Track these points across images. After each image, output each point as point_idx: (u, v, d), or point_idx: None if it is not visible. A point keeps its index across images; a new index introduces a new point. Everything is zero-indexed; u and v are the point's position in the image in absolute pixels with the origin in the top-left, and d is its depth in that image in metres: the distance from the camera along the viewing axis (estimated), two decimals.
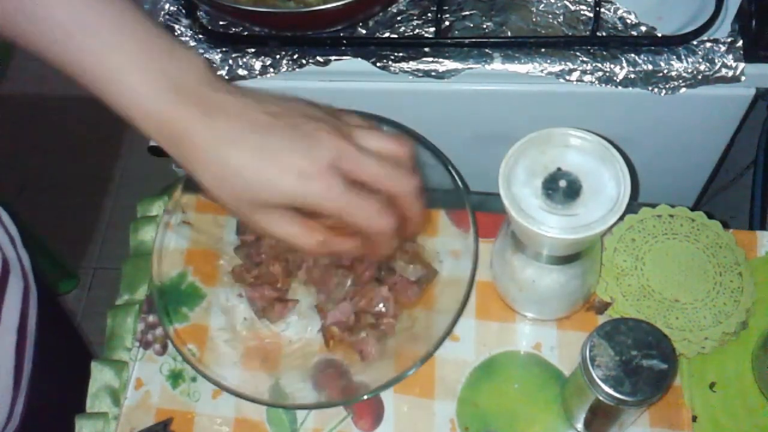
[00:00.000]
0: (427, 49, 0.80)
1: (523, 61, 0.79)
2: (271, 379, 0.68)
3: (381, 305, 0.70)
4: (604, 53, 0.79)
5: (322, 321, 0.70)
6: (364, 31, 0.82)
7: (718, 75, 0.77)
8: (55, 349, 0.85)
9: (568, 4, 0.81)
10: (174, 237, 0.72)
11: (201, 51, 0.83)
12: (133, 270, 0.76)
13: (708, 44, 0.77)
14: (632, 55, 0.78)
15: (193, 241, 0.74)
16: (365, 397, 0.64)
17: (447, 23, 0.81)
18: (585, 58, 0.78)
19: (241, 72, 0.82)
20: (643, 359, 0.53)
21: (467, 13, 0.82)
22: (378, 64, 0.80)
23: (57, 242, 1.65)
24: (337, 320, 0.69)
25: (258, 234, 0.73)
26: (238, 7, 0.76)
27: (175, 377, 0.70)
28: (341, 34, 0.82)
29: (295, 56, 0.82)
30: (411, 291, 0.71)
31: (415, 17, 0.82)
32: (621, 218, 0.54)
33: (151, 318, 0.73)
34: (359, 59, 0.81)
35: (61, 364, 0.87)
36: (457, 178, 0.70)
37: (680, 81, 0.78)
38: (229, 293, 0.72)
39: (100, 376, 0.70)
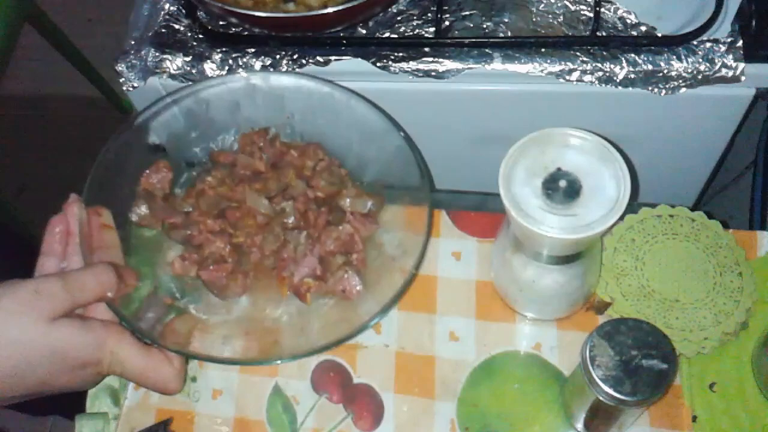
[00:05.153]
0: (427, 49, 0.81)
1: (523, 61, 0.79)
2: (270, 381, 0.68)
3: (346, 242, 0.70)
4: (604, 53, 0.79)
5: (288, 284, 0.69)
6: (364, 31, 0.82)
7: (718, 75, 0.77)
8: None
9: (568, 4, 0.81)
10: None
11: (201, 51, 0.83)
12: (136, 267, 0.76)
13: (708, 44, 0.77)
14: (632, 55, 0.78)
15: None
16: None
17: (447, 23, 0.81)
18: (585, 58, 0.78)
19: (242, 72, 0.82)
20: (643, 359, 0.53)
21: (467, 13, 0.82)
22: (378, 64, 0.80)
23: None
24: (305, 275, 0.69)
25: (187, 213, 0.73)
26: (239, 11, 0.76)
27: None
28: (341, 34, 0.82)
29: (295, 56, 0.82)
30: (368, 223, 0.71)
31: (415, 17, 0.82)
32: (621, 218, 0.54)
33: None
34: (359, 59, 0.81)
35: None
36: (419, 162, 0.70)
37: (680, 81, 0.78)
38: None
39: None
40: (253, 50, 0.83)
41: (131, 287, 0.64)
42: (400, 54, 0.81)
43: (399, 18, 0.82)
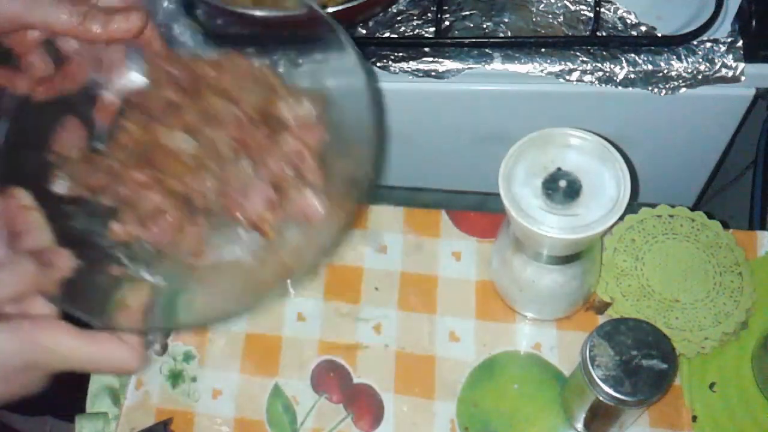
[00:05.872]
0: (427, 49, 0.80)
1: (523, 61, 0.79)
2: (270, 381, 0.68)
3: (293, 160, 0.63)
4: (604, 53, 0.78)
5: (245, 221, 0.62)
6: (364, 31, 0.82)
7: (718, 75, 0.77)
8: None
9: (568, 4, 0.81)
10: None
11: (199, 50, 0.83)
12: None
13: (708, 44, 0.77)
14: (632, 55, 0.78)
15: None
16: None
17: (447, 23, 0.81)
18: (585, 58, 0.78)
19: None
20: (643, 359, 0.53)
21: (467, 13, 0.82)
22: (378, 64, 0.80)
23: None
24: (260, 205, 0.62)
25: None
26: (238, 11, 0.76)
27: (175, 377, 0.70)
28: None
29: (294, 56, 0.82)
30: (315, 130, 0.64)
31: (415, 17, 0.82)
32: (621, 218, 0.54)
33: None
34: None
35: None
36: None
37: (680, 81, 0.78)
38: None
39: (100, 376, 0.70)
40: (252, 50, 0.83)
41: (65, 270, 0.57)
42: (400, 54, 0.81)
43: (399, 18, 0.82)
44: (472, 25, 0.81)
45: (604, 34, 0.79)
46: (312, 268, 0.58)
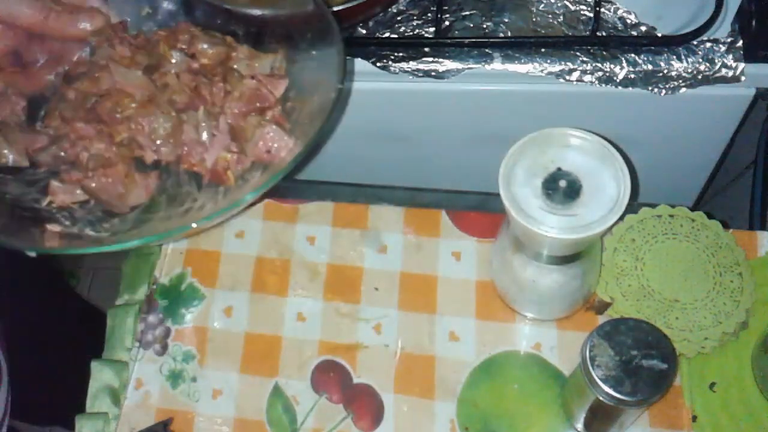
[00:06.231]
0: (427, 49, 0.80)
1: (523, 61, 0.79)
2: (270, 381, 0.68)
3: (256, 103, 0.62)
4: (604, 53, 0.78)
5: (203, 173, 0.61)
6: (364, 31, 0.82)
7: (718, 75, 0.77)
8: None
9: (567, 3, 0.81)
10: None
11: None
12: (133, 270, 0.76)
13: (708, 44, 0.77)
14: (632, 55, 0.78)
15: (191, 242, 0.74)
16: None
17: (447, 23, 0.81)
18: (585, 58, 0.78)
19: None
20: (643, 359, 0.53)
21: (467, 13, 0.82)
22: (378, 64, 0.80)
23: None
24: (221, 151, 0.61)
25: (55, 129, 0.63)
26: (237, 11, 0.76)
27: (175, 377, 0.70)
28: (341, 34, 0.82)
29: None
30: (275, 81, 0.63)
31: (415, 17, 0.82)
32: (621, 218, 0.54)
33: (150, 318, 0.73)
34: (359, 59, 0.81)
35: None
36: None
37: (680, 81, 0.78)
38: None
39: (100, 376, 0.70)
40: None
41: None
42: (400, 54, 0.81)
43: (399, 18, 0.82)
44: (472, 25, 0.81)
45: (604, 34, 0.79)
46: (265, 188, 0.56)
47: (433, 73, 0.80)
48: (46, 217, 0.60)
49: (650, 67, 0.78)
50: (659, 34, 0.79)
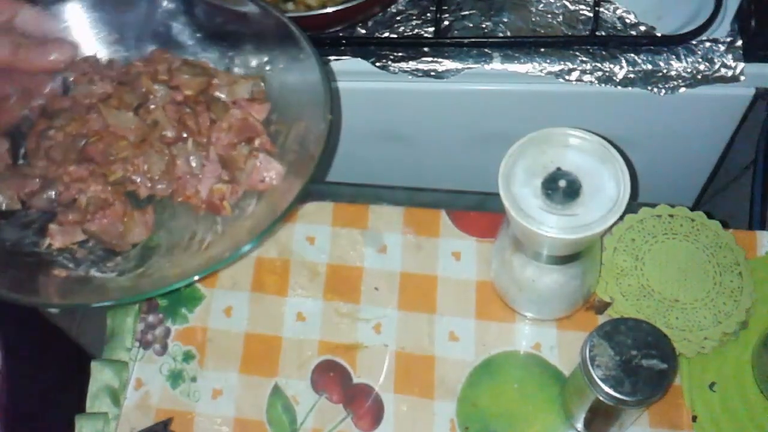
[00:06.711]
0: (426, 49, 0.81)
1: (522, 60, 0.79)
2: (270, 381, 0.68)
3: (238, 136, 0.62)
4: (604, 53, 0.79)
5: (198, 204, 0.62)
6: (363, 31, 0.82)
7: (717, 75, 0.77)
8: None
9: (567, 3, 0.81)
10: None
11: (199, 49, 0.83)
12: None
13: (707, 44, 0.77)
14: (631, 54, 0.78)
15: None
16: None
17: (446, 23, 0.81)
18: (584, 58, 0.78)
19: (237, 71, 0.82)
20: (642, 359, 0.53)
21: (466, 12, 0.82)
22: (377, 64, 0.80)
23: None
24: (213, 185, 0.62)
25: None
26: (238, 10, 0.76)
27: (175, 377, 0.70)
28: (341, 34, 0.82)
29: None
30: (257, 105, 0.64)
31: (414, 17, 0.82)
32: (621, 218, 0.54)
33: (150, 318, 0.73)
34: (359, 59, 0.81)
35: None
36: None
37: (679, 81, 0.78)
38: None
39: (100, 376, 0.70)
40: (250, 47, 0.82)
41: None
42: (400, 54, 0.81)
43: (398, 18, 0.82)
44: (471, 25, 0.81)
45: (603, 33, 0.79)
46: (270, 232, 0.56)
47: (432, 73, 0.80)
48: (48, 261, 0.60)
49: (650, 66, 0.78)
50: (658, 34, 0.79)
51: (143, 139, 0.62)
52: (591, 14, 0.80)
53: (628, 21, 0.80)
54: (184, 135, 0.62)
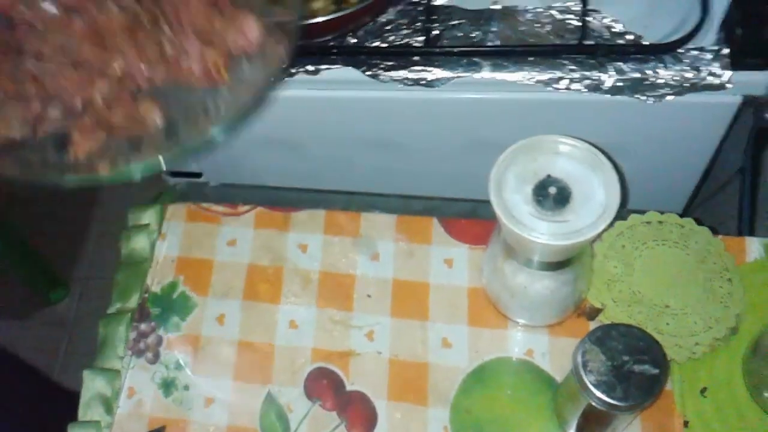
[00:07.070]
0: (416, 58, 0.81)
1: (511, 69, 0.79)
2: (263, 389, 0.68)
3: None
4: (592, 62, 0.79)
5: (190, 77, 0.62)
6: (353, 40, 0.82)
7: (704, 83, 0.78)
8: None
9: (555, 13, 0.82)
10: (165, 245, 0.72)
11: None
12: (125, 279, 0.76)
13: (694, 52, 0.78)
14: (619, 63, 0.79)
15: (183, 250, 0.74)
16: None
17: (436, 32, 0.82)
18: (573, 67, 0.79)
19: None
20: (634, 364, 0.54)
21: (456, 22, 0.83)
22: (368, 73, 0.81)
23: (48, 251, 1.65)
24: (200, 56, 0.61)
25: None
26: None
27: (168, 385, 0.70)
28: (331, 43, 0.82)
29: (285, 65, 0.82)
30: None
31: (404, 26, 0.83)
32: (611, 225, 0.54)
33: (143, 326, 0.73)
34: (349, 68, 0.81)
35: None
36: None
37: (667, 89, 0.79)
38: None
39: (93, 384, 0.70)
40: None
41: None
42: (390, 63, 0.81)
43: (388, 27, 0.83)
44: (461, 34, 0.82)
45: (591, 42, 0.80)
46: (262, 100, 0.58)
47: (422, 82, 0.81)
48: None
49: (637, 75, 0.78)
50: (646, 43, 0.79)
51: (130, 27, 0.61)
52: (579, 23, 0.81)
53: (615, 30, 0.80)
54: (157, 21, 0.62)
